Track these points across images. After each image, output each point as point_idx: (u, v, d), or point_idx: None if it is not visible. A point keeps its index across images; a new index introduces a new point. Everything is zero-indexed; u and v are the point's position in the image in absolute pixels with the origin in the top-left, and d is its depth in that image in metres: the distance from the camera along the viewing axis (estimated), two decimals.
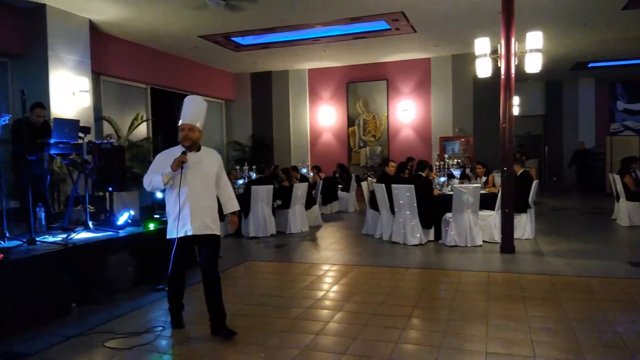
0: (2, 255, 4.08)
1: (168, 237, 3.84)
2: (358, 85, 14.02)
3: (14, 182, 6.37)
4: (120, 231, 5.52)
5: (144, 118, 10.65)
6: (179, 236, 3.75)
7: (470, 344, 3.66)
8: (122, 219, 5.85)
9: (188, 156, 3.75)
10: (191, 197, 3.75)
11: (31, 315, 4.16)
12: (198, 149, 3.88)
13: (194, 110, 3.91)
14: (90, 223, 5.52)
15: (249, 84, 14.89)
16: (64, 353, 3.65)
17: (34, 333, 4.02)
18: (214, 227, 3.87)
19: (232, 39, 10.87)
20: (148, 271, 5.43)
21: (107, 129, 9.61)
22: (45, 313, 4.29)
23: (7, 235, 4.81)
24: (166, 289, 4.22)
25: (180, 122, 3.84)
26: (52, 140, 5.36)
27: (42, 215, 5.61)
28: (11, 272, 4.11)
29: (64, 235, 5.16)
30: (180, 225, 3.75)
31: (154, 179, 3.75)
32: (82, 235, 5.24)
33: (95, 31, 9.38)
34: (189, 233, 3.75)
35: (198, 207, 3.77)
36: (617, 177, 9.22)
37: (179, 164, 3.67)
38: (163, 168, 3.75)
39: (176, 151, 3.83)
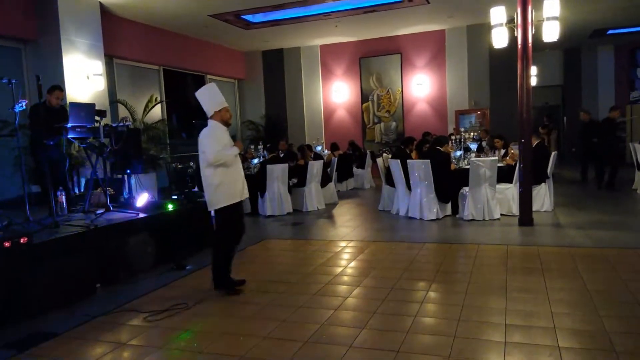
0: (26, 239, 4.18)
1: (226, 204, 4.32)
2: (371, 60, 13.84)
3: (33, 167, 6.48)
4: (140, 212, 5.60)
5: (158, 100, 10.68)
6: (241, 199, 4.45)
7: (489, 316, 3.67)
8: (141, 200, 5.93)
9: None
10: (240, 168, 4.53)
11: (58, 296, 4.27)
12: None
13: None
14: (110, 205, 5.61)
15: (260, 62, 14.79)
16: (91, 331, 3.75)
17: (61, 313, 4.14)
18: None
19: (242, 17, 10.77)
20: (168, 251, 5.52)
21: (122, 111, 9.68)
22: (71, 294, 4.41)
23: (30, 218, 4.91)
24: (188, 267, 4.32)
25: (223, 105, 4.37)
26: (69, 125, 5.41)
27: (63, 198, 5.71)
28: (36, 254, 4.21)
29: (85, 218, 5.25)
30: (241, 190, 4.45)
31: (230, 154, 4.33)
32: (103, 217, 5.33)
33: (106, 14, 9.36)
34: (245, 196, 4.53)
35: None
36: (638, 146, 9.03)
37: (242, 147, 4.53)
38: (226, 142, 4.34)
39: (223, 129, 4.40)
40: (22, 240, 4.12)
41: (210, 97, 4.41)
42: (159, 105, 10.82)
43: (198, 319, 3.92)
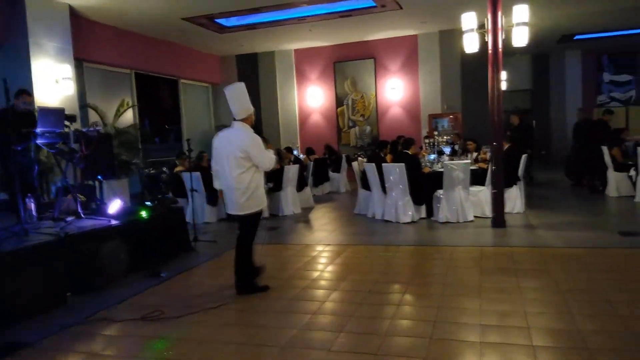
0: None
1: (261, 207, 4.57)
2: (345, 64, 13.91)
3: (1, 173, 6.28)
4: (111, 219, 5.49)
5: (130, 104, 10.50)
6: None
7: (464, 317, 3.71)
8: (113, 207, 5.81)
9: None
10: None
11: (28, 305, 4.15)
12: None
13: None
14: (81, 212, 5.48)
15: (235, 66, 14.69)
16: (63, 342, 3.65)
17: (31, 323, 4.01)
18: None
19: (216, 20, 10.69)
20: (141, 258, 5.41)
21: (92, 116, 9.48)
22: (42, 303, 4.28)
23: None
24: (163, 275, 4.25)
25: (252, 108, 4.53)
26: (37, 130, 5.27)
27: (32, 205, 5.56)
28: (4, 263, 4.08)
29: (56, 226, 5.12)
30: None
31: (275, 159, 4.62)
32: (73, 224, 5.20)
33: (76, 17, 9.17)
34: None
35: None
36: (605, 149, 9.29)
37: None
38: None
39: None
40: None
41: (243, 99, 4.44)
42: (131, 109, 10.63)
43: (173, 326, 3.85)
